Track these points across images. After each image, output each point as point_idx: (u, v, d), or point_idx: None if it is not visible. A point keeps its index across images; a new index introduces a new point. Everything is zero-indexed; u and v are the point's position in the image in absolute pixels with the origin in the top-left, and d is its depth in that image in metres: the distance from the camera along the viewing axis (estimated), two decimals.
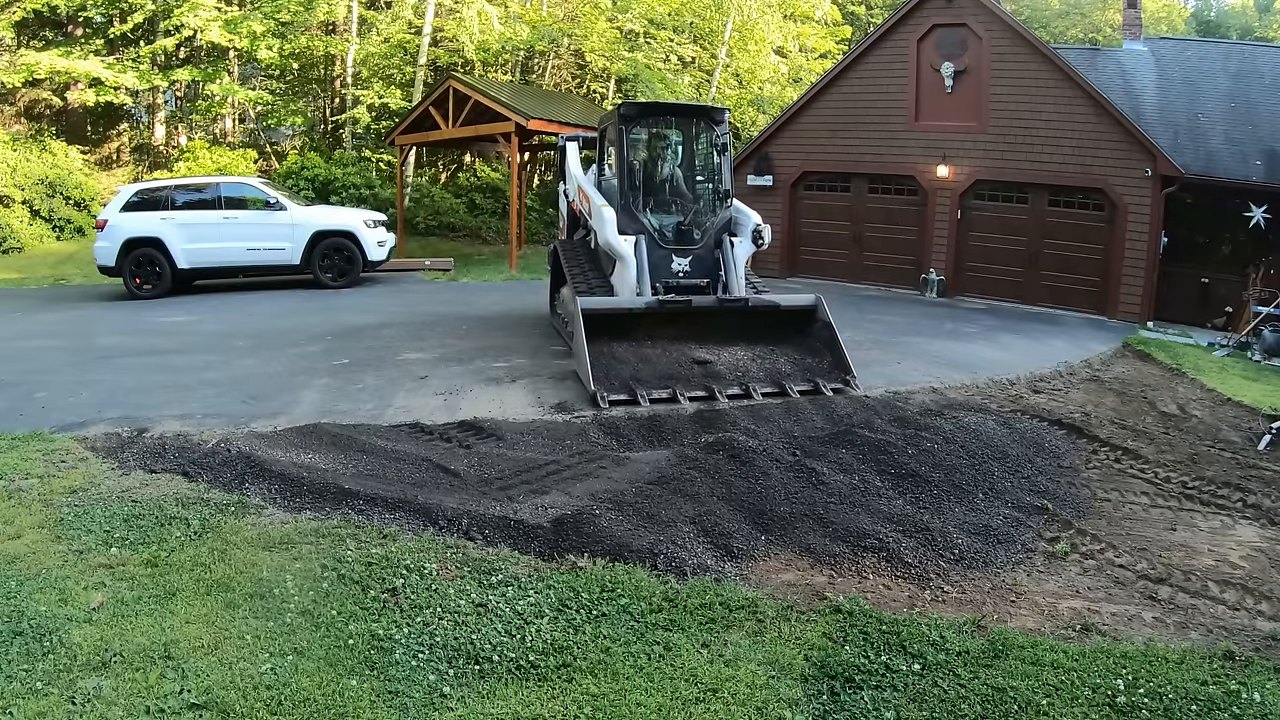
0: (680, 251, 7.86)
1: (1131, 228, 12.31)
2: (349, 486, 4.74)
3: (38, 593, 3.52)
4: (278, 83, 24.23)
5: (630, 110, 8.17)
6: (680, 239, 7.92)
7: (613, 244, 7.55)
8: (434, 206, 21.13)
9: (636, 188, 7.91)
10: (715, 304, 7.41)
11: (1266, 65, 13.81)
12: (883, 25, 14.64)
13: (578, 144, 9.93)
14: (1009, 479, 5.33)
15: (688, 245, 7.93)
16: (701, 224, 8.04)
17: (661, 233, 7.85)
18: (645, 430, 6.08)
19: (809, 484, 5.00)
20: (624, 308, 7.24)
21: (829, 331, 7.52)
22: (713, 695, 3.05)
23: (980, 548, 4.39)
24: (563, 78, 25.06)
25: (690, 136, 8.68)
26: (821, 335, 7.58)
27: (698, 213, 8.15)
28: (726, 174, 8.21)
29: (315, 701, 2.90)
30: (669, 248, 7.82)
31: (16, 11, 18.74)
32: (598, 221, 7.82)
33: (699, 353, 7.23)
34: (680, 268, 7.83)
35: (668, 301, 7.21)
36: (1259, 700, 3.06)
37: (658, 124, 8.61)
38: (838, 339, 7.45)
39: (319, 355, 8.13)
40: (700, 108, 9.16)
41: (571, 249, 8.80)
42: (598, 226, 7.82)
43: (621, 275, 7.63)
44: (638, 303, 7.21)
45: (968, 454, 5.60)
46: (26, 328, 9.82)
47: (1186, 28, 32.69)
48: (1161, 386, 8.47)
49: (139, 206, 12.36)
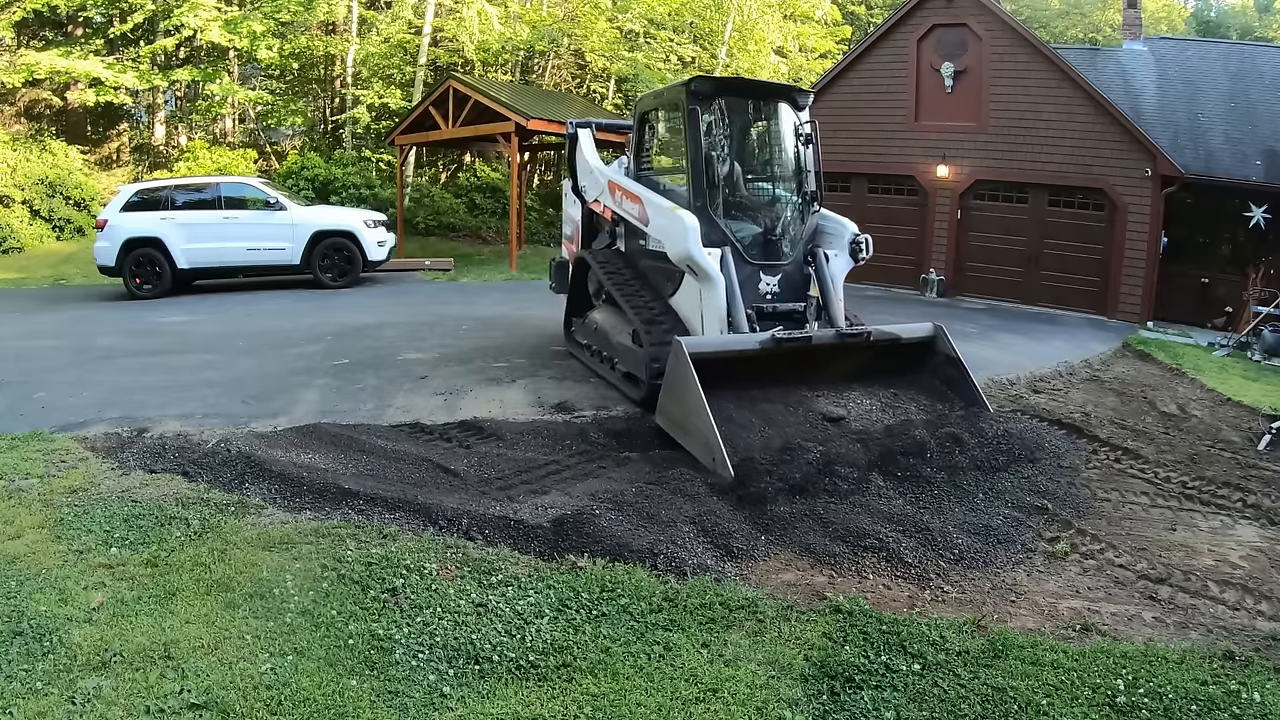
0: (768, 268, 6.39)
1: (1131, 228, 12.31)
2: (349, 486, 4.74)
3: (38, 593, 3.52)
4: (278, 83, 24.25)
5: (704, 86, 6.44)
6: (767, 252, 6.44)
7: (697, 259, 5.95)
8: (434, 206, 21.14)
9: (715, 186, 6.31)
10: (836, 339, 5.96)
11: (1266, 65, 13.81)
12: (883, 25, 14.64)
13: (590, 131, 8.22)
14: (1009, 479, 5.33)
15: (776, 260, 6.44)
16: (790, 233, 6.58)
17: (744, 244, 6.37)
18: (645, 431, 6.08)
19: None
20: (735, 349, 5.64)
21: (955, 369, 6.26)
22: (713, 695, 3.05)
23: (980, 548, 4.39)
24: (563, 78, 25.07)
25: (769, 123, 7.00)
26: (944, 372, 6.32)
27: (785, 219, 6.64)
28: (814, 171, 6.74)
29: (315, 701, 2.90)
30: (755, 263, 6.34)
31: (16, 11, 18.74)
32: (666, 230, 6.24)
33: (825, 405, 5.82)
34: (768, 288, 6.36)
35: (785, 339, 5.67)
36: (1259, 700, 3.06)
37: (733, 106, 6.72)
38: (969, 377, 6.21)
39: (319, 355, 8.13)
40: (784, 87, 7.29)
41: (611, 263, 7.26)
42: (668, 236, 6.22)
43: (700, 299, 6.12)
44: (750, 342, 5.66)
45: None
46: (26, 328, 9.82)
47: (1186, 28, 32.70)
48: (1161, 386, 8.47)
49: (139, 206, 12.37)
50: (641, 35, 22.87)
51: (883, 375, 6.28)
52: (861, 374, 6.24)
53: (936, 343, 6.40)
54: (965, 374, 6.22)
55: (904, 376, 6.31)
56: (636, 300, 6.59)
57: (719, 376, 5.36)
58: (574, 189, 8.15)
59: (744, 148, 6.92)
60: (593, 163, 7.80)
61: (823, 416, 5.70)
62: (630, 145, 7.60)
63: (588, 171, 7.85)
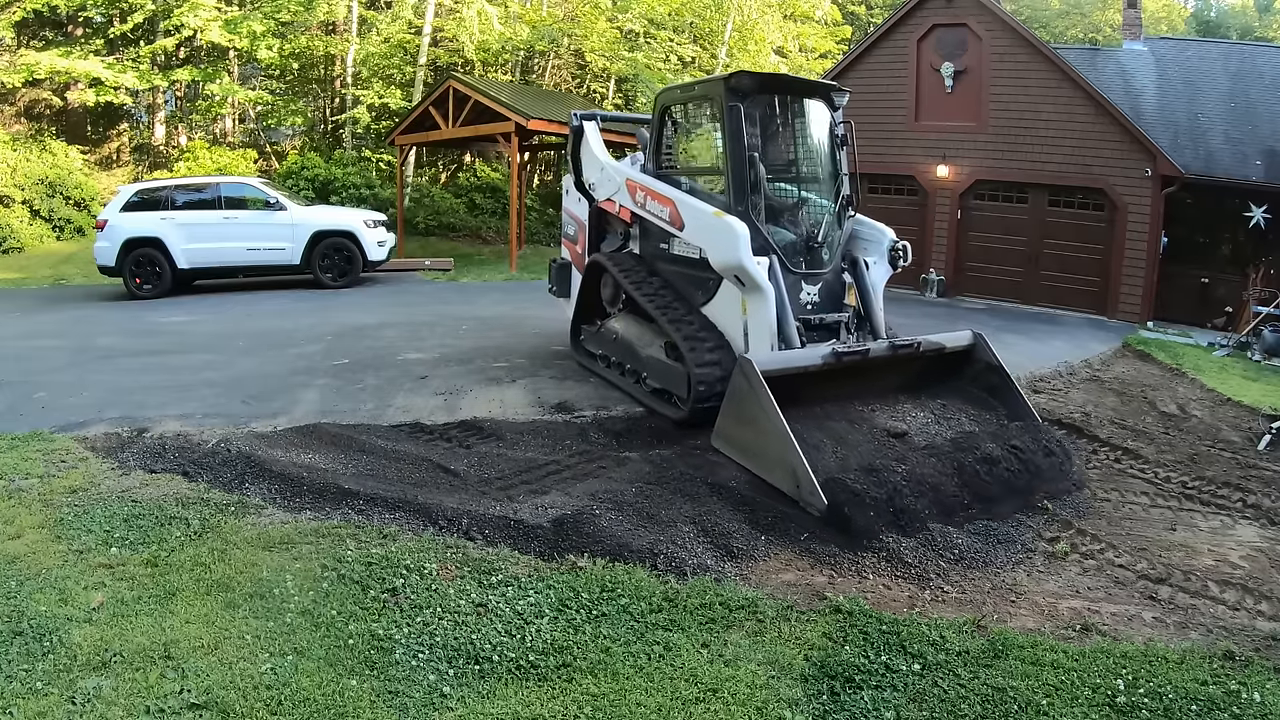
0: (809, 277, 6.11)
1: (1131, 228, 12.32)
2: (349, 486, 4.74)
3: (38, 593, 3.52)
4: (278, 83, 24.27)
5: (745, 82, 6.01)
6: (808, 260, 6.15)
7: (749, 270, 5.56)
8: (434, 206, 21.15)
9: (757, 189, 5.96)
10: (890, 352, 5.72)
11: (1266, 65, 13.82)
12: (883, 25, 14.64)
13: (596, 124, 7.73)
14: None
15: (817, 269, 6.16)
16: (829, 240, 6.28)
17: (785, 252, 6.02)
18: (645, 431, 6.08)
19: None
20: (799, 365, 5.36)
21: (998, 376, 6.04)
22: (713, 695, 3.05)
23: (980, 548, 4.39)
24: (563, 78, 25.07)
25: (807, 123, 6.58)
26: (985, 380, 6.10)
27: (824, 225, 6.32)
28: (848, 174, 6.47)
29: (315, 701, 2.90)
30: (798, 272, 6.06)
31: (16, 11, 18.75)
32: (710, 236, 5.86)
33: (885, 419, 5.59)
34: (809, 298, 6.10)
35: (845, 353, 5.47)
36: (1259, 700, 3.06)
37: (772, 104, 6.40)
38: (1014, 385, 6.02)
39: (319, 355, 8.13)
40: (822, 85, 6.77)
41: (634, 269, 6.84)
42: (712, 243, 5.83)
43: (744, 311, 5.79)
44: (813, 357, 5.42)
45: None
46: (26, 328, 9.82)
47: (1186, 28, 32.71)
48: (1161, 386, 8.47)
49: (139, 206, 12.37)
50: (641, 35, 22.88)
51: (927, 386, 6.09)
52: (907, 385, 6.03)
53: (976, 351, 6.20)
54: (1009, 382, 6.03)
55: (946, 386, 6.12)
56: (672, 312, 6.22)
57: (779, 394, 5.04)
58: (578, 185, 7.70)
59: (782, 148, 6.54)
60: (602, 158, 7.40)
61: (887, 433, 5.44)
62: (649, 141, 7.10)
63: (597, 168, 7.41)
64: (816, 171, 6.57)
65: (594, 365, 7.41)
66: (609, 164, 7.33)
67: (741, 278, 5.67)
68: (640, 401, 6.53)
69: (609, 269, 7.05)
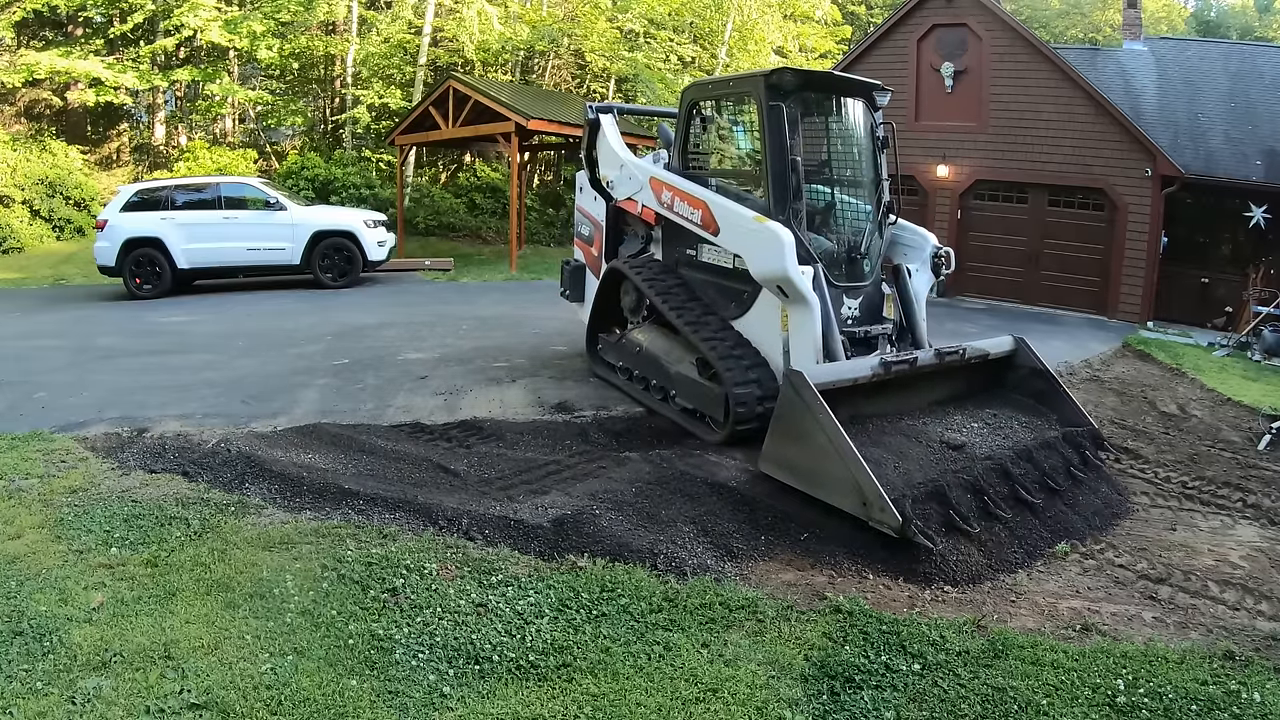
0: (851, 290, 5.80)
1: (1131, 228, 12.32)
2: (349, 486, 4.74)
3: (38, 593, 3.52)
4: (278, 83, 24.27)
5: (787, 80, 5.62)
6: (850, 271, 5.85)
7: (794, 281, 5.21)
8: (434, 206, 21.15)
9: (799, 194, 5.59)
10: (936, 361, 5.42)
11: (1266, 65, 13.82)
12: (883, 25, 14.65)
13: (614, 117, 7.32)
14: None
15: (859, 281, 5.86)
16: (870, 250, 5.99)
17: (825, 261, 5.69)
18: (645, 431, 6.08)
19: None
20: (850, 377, 5.05)
21: (1045, 381, 5.80)
22: (713, 695, 3.05)
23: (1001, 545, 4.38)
24: (563, 78, 25.07)
25: (849, 124, 6.20)
26: (1031, 385, 5.85)
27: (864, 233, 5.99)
28: (889, 179, 6.13)
29: (315, 701, 2.90)
30: (840, 285, 5.72)
31: (16, 11, 18.75)
32: (750, 243, 5.52)
33: (942, 431, 5.28)
34: (850, 312, 5.78)
35: (894, 363, 5.17)
36: (1259, 700, 3.06)
37: (815, 103, 6.07)
38: (1063, 389, 5.80)
39: (319, 355, 8.13)
40: (863, 83, 6.24)
41: (658, 279, 6.45)
42: (753, 251, 5.49)
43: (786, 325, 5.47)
44: (863, 369, 5.11)
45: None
46: (26, 328, 9.82)
47: (1186, 28, 32.71)
48: (1161, 386, 8.47)
49: (139, 206, 12.37)
50: (641, 35, 22.88)
51: (973, 396, 5.83)
52: (953, 396, 5.75)
53: (1018, 356, 5.95)
54: (1058, 387, 5.78)
55: (991, 395, 5.87)
56: (705, 329, 5.86)
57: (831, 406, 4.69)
58: (593, 183, 7.31)
59: (822, 150, 6.19)
60: (623, 155, 7.00)
61: (945, 444, 5.12)
62: (674, 139, 6.70)
63: (616, 164, 7.01)
64: (858, 176, 6.18)
65: (613, 377, 6.99)
66: (630, 160, 6.95)
67: (786, 289, 5.30)
68: (672, 420, 6.17)
69: (630, 277, 6.67)
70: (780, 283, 5.31)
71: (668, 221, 6.51)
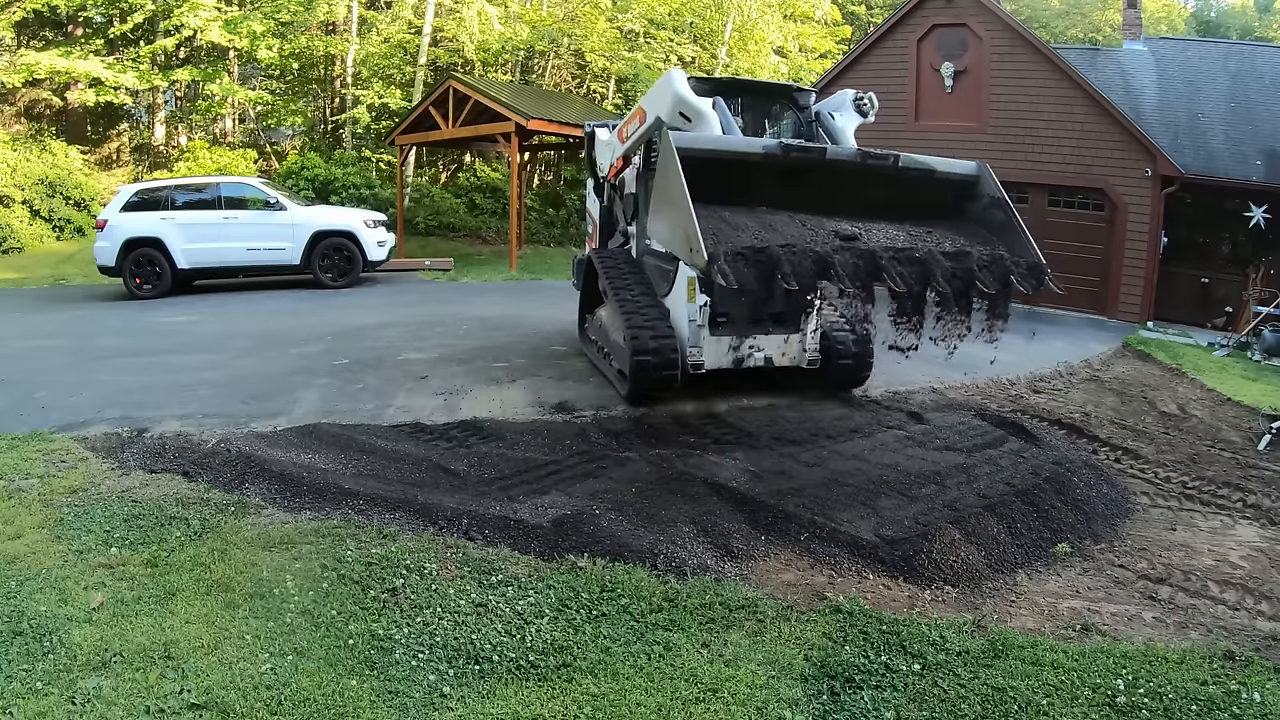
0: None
1: (1131, 228, 12.31)
2: (349, 486, 4.74)
3: (38, 593, 3.52)
4: (278, 83, 24.25)
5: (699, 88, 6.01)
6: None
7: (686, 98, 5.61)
8: (434, 206, 21.15)
9: None
10: (856, 158, 5.17)
11: (1266, 65, 13.81)
12: (883, 25, 14.64)
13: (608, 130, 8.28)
14: None
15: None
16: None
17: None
18: (645, 431, 6.08)
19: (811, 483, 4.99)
20: (735, 150, 5.03)
21: (1001, 211, 5.18)
22: (713, 695, 3.05)
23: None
24: (563, 78, 25.06)
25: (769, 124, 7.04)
26: (989, 217, 5.25)
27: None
28: None
29: (315, 701, 2.90)
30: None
31: (16, 11, 18.76)
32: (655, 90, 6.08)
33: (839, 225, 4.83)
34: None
35: (794, 148, 5.00)
36: (1259, 700, 3.06)
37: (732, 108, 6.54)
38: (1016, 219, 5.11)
39: (319, 355, 8.13)
40: (783, 87, 7.18)
41: (612, 261, 7.38)
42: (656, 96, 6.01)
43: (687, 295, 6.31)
44: (754, 146, 5.05)
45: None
46: (26, 328, 9.82)
47: (1186, 28, 32.70)
48: (1161, 386, 8.47)
49: (139, 206, 12.37)
50: (641, 35, 22.88)
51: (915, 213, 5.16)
52: (893, 209, 5.12)
53: (981, 184, 5.33)
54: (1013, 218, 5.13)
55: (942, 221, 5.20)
56: (626, 296, 6.64)
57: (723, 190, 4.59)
58: (595, 188, 8.40)
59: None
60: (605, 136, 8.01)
61: (834, 234, 4.65)
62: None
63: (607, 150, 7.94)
64: None
65: (589, 350, 8.03)
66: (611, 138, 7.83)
67: (685, 112, 5.48)
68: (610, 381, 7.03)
69: (593, 261, 7.60)
70: (679, 108, 5.53)
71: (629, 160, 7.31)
